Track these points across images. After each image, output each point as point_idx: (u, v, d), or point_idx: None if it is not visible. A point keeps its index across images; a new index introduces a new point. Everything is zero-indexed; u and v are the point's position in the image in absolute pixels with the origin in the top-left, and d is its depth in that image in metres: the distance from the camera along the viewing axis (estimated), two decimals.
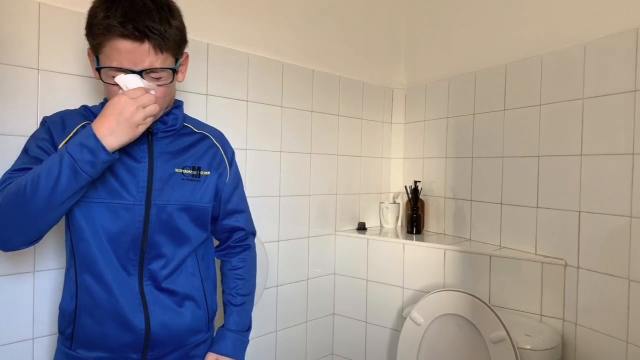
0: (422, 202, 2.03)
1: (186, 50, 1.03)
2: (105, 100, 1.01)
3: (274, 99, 1.71)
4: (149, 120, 0.90)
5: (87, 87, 1.24)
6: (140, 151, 1.00)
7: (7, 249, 0.91)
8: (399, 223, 2.12)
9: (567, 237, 1.47)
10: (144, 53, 0.90)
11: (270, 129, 1.69)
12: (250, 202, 1.25)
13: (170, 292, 1.02)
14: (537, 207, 1.57)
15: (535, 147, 1.58)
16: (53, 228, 0.92)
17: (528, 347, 1.34)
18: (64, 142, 0.95)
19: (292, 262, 1.80)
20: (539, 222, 1.56)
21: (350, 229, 2.02)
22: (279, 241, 1.73)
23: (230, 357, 1.10)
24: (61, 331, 1.01)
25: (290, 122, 1.76)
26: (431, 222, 2.03)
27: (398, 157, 2.20)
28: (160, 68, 0.93)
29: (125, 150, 0.96)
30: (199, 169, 1.06)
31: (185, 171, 1.04)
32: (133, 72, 0.90)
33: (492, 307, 1.37)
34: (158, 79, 0.94)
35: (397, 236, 1.89)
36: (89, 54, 0.97)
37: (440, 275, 1.68)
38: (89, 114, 1.02)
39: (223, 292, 1.18)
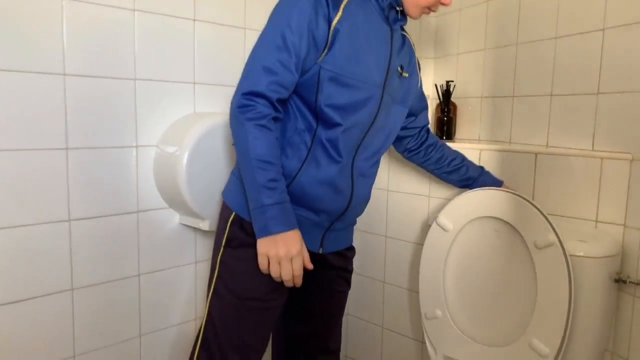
0: (454, 105, 1.75)
1: None
2: None
3: None
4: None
5: None
6: (384, 40, 1.04)
7: None
8: None
9: (637, 125, 1.19)
10: None
11: None
12: None
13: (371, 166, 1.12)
14: (598, 94, 1.28)
15: (601, 19, 1.27)
16: None
17: (581, 254, 1.11)
18: (336, 18, 0.93)
19: None
20: (599, 112, 1.28)
21: None
22: None
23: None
24: None
25: None
26: (464, 128, 1.76)
27: (428, 57, 1.90)
28: None
29: (372, 38, 1.00)
30: (402, 68, 1.10)
31: (398, 69, 1.09)
32: None
33: (539, 207, 1.13)
34: None
35: None
36: None
37: None
38: None
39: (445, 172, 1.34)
